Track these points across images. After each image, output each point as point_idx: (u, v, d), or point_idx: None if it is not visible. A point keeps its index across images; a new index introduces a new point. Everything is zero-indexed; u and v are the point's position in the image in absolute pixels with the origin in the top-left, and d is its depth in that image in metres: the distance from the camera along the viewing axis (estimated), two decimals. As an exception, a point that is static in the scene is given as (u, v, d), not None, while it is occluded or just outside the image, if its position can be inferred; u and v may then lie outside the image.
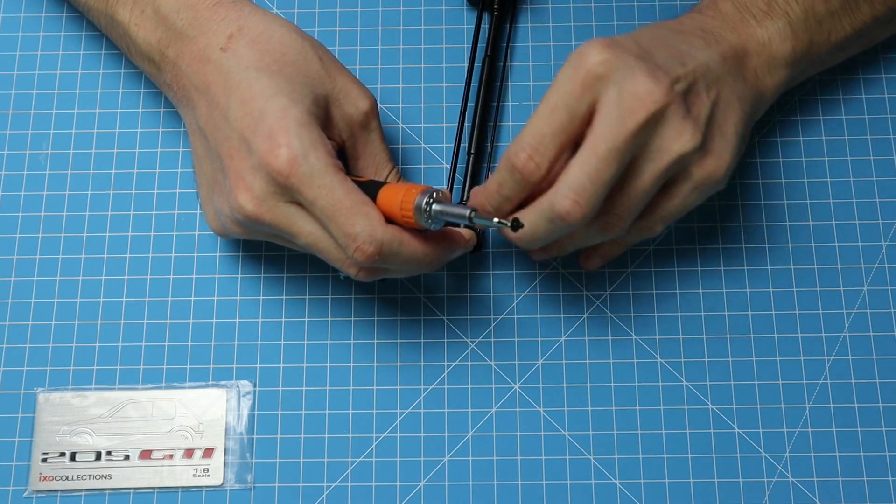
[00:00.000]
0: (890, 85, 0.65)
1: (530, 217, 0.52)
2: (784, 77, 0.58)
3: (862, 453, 0.58)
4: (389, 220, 0.52)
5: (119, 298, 0.62)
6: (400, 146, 0.64)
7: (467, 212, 0.51)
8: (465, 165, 0.62)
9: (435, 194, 0.51)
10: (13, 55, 0.67)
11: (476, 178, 0.62)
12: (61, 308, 0.61)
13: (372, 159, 0.57)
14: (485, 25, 0.65)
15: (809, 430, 0.59)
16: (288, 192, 0.51)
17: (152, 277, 0.62)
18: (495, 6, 0.65)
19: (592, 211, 0.51)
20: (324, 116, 0.54)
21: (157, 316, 0.61)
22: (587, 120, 0.51)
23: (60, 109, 0.65)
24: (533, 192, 0.53)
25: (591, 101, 0.51)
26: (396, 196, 0.52)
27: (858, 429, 0.59)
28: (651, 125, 0.51)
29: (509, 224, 0.50)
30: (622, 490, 0.58)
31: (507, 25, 0.66)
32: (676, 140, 0.51)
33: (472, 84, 0.64)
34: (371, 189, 0.53)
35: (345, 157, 0.57)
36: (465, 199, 0.61)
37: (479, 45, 0.65)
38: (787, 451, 0.59)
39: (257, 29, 0.54)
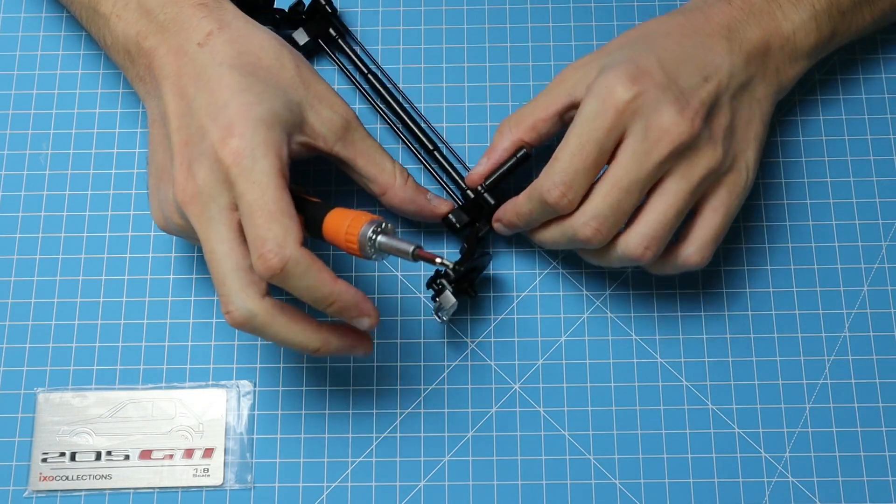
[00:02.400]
0: (890, 85, 0.65)
1: (553, 233, 0.56)
2: (803, 67, 0.59)
3: (862, 453, 0.58)
4: (332, 244, 0.52)
5: (119, 298, 0.62)
6: (400, 146, 0.64)
7: (411, 248, 0.50)
8: (429, 162, 0.63)
9: (383, 225, 0.51)
10: (13, 55, 0.67)
11: (444, 170, 0.62)
12: (61, 308, 0.61)
13: (370, 158, 0.57)
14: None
15: (809, 430, 0.59)
16: (226, 185, 0.50)
17: (152, 277, 0.62)
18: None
19: (610, 236, 0.54)
20: (298, 122, 0.54)
21: (157, 316, 0.61)
22: (615, 148, 0.53)
23: (60, 109, 0.65)
24: None
25: (619, 135, 0.53)
26: (343, 221, 0.51)
27: (858, 429, 0.59)
28: (676, 154, 0.53)
29: (451, 267, 0.52)
30: (622, 490, 0.58)
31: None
32: (702, 159, 0.53)
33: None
34: (320, 211, 0.52)
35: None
36: (452, 185, 0.61)
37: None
38: (787, 451, 0.59)
39: (237, 30, 0.54)
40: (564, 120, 0.57)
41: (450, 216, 0.59)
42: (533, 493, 0.58)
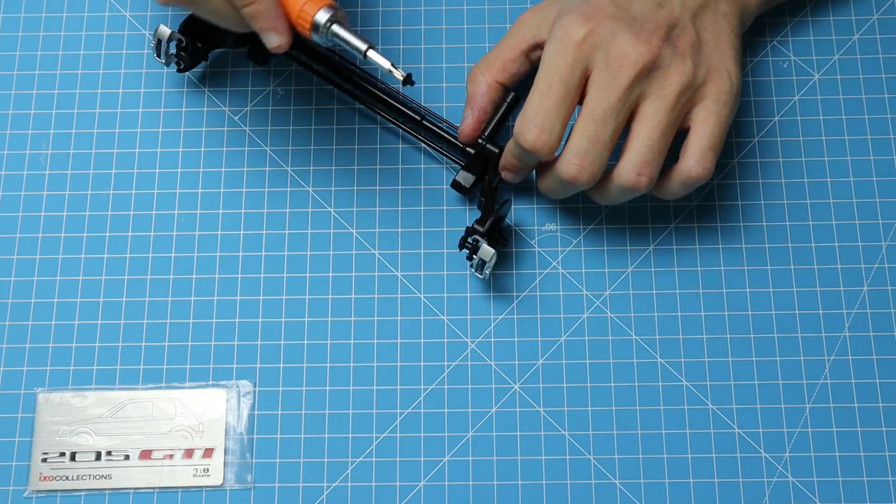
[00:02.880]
0: (890, 85, 0.65)
1: (547, 181, 0.58)
2: None
3: (862, 453, 0.58)
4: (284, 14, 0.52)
5: (119, 298, 0.62)
6: (400, 146, 0.64)
7: (364, 47, 0.52)
8: (421, 132, 0.63)
9: (339, 14, 0.52)
10: (13, 55, 0.67)
11: (438, 136, 0.62)
12: (61, 308, 0.61)
13: None
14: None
15: (809, 430, 0.59)
16: None
17: (152, 277, 0.62)
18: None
19: (599, 170, 0.55)
20: None
21: (157, 316, 0.61)
22: (582, 85, 0.55)
23: (60, 109, 0.65)
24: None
25: (582, 69, 0.54)
26: (297, 1, 0.52)
27: (858, 429, 0.59)
28: (643, 76, 0.54)
29: (402, 77, 0.52)
30: (622, 490, 0.58)
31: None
32: (672, 75, 0.55)
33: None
34: None
35: None
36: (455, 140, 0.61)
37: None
38: (787, 451, 0.59)
39: None
40: (531, 59, 0.59)
41: (457, 179, 0.59)
42: (533, 493, 0.58)
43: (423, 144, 0.63)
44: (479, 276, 0.59)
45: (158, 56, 0.62)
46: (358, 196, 0.63)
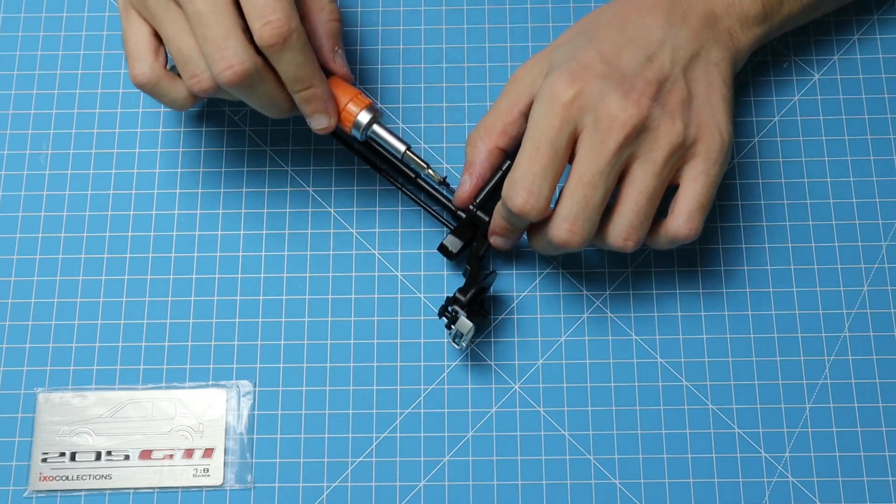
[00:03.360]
0: (890, 85, 0.65)
1: (538, 241, 0.56)
2: (758, 34, 0.59)
3: (862, 453, 0.58)
4: None
5: (119, 298, 0.62)
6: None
7: (402, 148, 0.57)
8: (413, 190, 0.62)
9: (377, 114, 0.56)
10: (13, 55, 0.67)
11: (430, 196, 0.62)
12: (61, 308, 0.61)
13: None
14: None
15: (809, 430, 0.59)
16: None
17: (152, 277, 0.62)
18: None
19: (590, 233, 0.54)
20: None
21: (157, 316, 0.61)
22: (571, 146, 0.53)
23: (60, 109, 0.65)
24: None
25: (571, 131, 0.53)
26: (344, 96, 0.56)
27: (858, 429, 0.59)
28: (632, 138, 0.53)
29: (439, 179, 0.58)
30: (622, 490, 0.58)
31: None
32: (662, 137, 0.53)
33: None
34: None
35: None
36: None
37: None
38: (787, 451, 0.59)
39: None
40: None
41: (444, 243, 0.58)
42: (533, 493, 0.58)
43: (414, 201, 0.62)
44: (456, 347, 0.58)
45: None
46: (358, 196, 0.63)
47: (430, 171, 0.58)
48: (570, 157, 0.54)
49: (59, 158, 0.64)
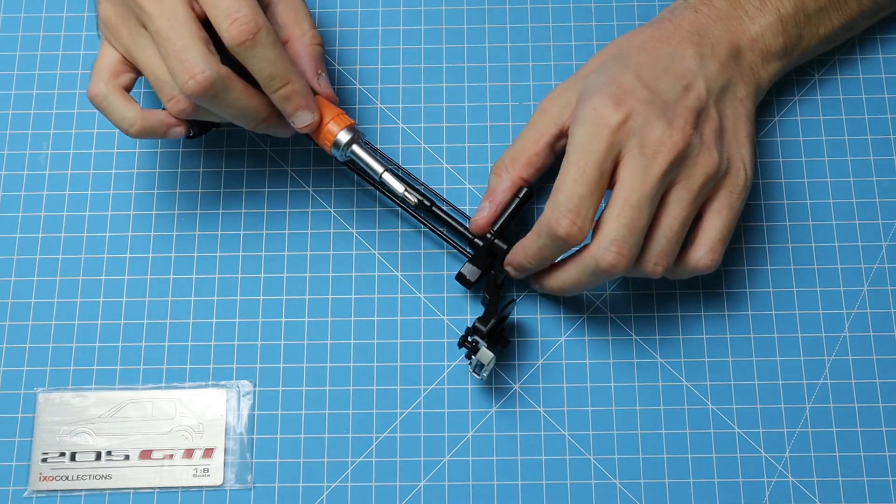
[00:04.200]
0: (890, 85, 0.65)
1: (574, 272, 0.55)
2: (777, 68, 0.60)
3: (862, 453, 0.58)
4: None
5: (119, 298, 0.62)
6: (400, 146, 0.64)
7: (380, 170, 0.56)
8: (429, 219, 0.61)
9: (356, 134, 0.56)
10: (13, 55, 0.67)
11: (445, 224, 0.61)
12: (61, 308, 0.61)
13: (289, 5, 0.57)
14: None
15: (809, 430, 0.59)
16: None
17: (152, 277, 0.62)
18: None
19: (634, 258, 0.53)
20: None
21: (157, 316, 0.61)
22: (613, 171, 0.53)
23: (60, 109, 0.65)
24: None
25: (615, 155, 0.53)
26: (325, 115, 0.56)
27: (858, 429, 0.59)
28: (676, 164, 0.53)
29: (415, 201, 0.57)
30: (622, 490, 0.58)
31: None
32: (700, 166, 0.54)
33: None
34: None
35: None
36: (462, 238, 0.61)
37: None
38: (787, 451, 0.59)
39: None
40: (556, 150, 0.58)
41: (462, 272, 0.58)
42: (533, 493, 0.58)
43: (429, 230, 0.61)
44: (477, 377, 0.58)
45: None
46: (358, 196, 0.63)
47: (407, 194, 0.57)
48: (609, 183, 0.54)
49: (59, 158, 0.64)
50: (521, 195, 0.58)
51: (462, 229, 0.60)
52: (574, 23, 0.67)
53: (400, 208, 0.62)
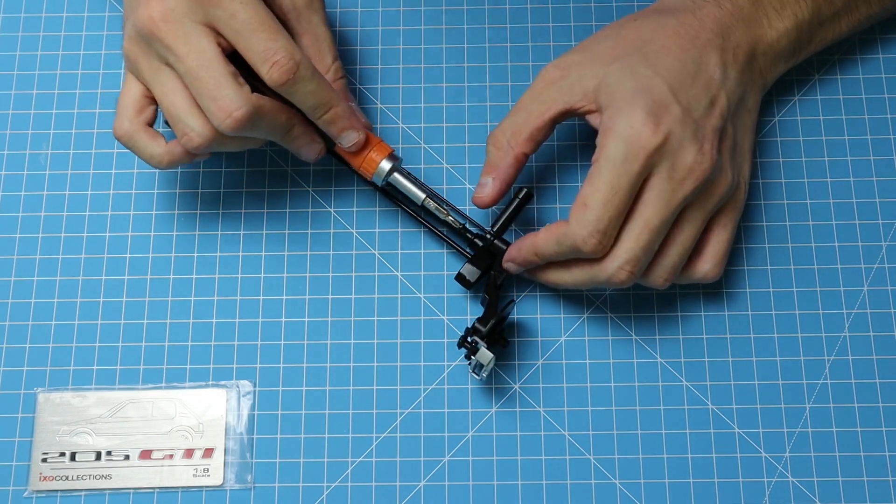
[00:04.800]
0: (890, 85, 0.65)
1: (579, 276, 0.56)
2: (781, 70, 0.61)
3: (862, 453, 0.58)
4: (342, 154, 0.58)
5: (119, 298, 0.62)
6: (400, 146, 0.64)
7: (422, 196, 0.59)
8: (426, 218, 0.61)
9: (397, 162, 0.58)
10: (13, 55, 0.67)
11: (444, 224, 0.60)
12: (61, 308, 0.61)
13: (314, 39, 0.58)
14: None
15: (809, 430, 0.59)
16: (200, 4, 0.52)
17: (152, 277, 0.62)
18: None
19: (640, 275, 0.55)
20: None
21: (157, 316, 0.61)
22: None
23: (60, 109, 0.65)
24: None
25: (647, 175, 0.53)
26: (367, 144, 0.58)
27: (858, 429, 0.59)
28: (699, 190, 0.54)
29: (458, 226, 0.58)
30: (622, 490, 0.58)
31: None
32: (717, 188, 0.55)
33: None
34: None
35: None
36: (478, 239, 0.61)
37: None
38: (787, 451, 0.59)
39: None
40: (556, 124, 0.57)
41: (462, 272, 0.58)
42: (533, 493, 0.58)
43: (429, 230, 0.61)
44: (477, 378, 0.58)
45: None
46: (358, 196, 0.63)
47: (450, 219, 0.59)
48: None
49: (59, 158, 0.64)
50: (521, 196, 0.58)
51: (463, 229, 0.60)
52: (574, 23, 0.67)
53: (400, 208, 0.62)
